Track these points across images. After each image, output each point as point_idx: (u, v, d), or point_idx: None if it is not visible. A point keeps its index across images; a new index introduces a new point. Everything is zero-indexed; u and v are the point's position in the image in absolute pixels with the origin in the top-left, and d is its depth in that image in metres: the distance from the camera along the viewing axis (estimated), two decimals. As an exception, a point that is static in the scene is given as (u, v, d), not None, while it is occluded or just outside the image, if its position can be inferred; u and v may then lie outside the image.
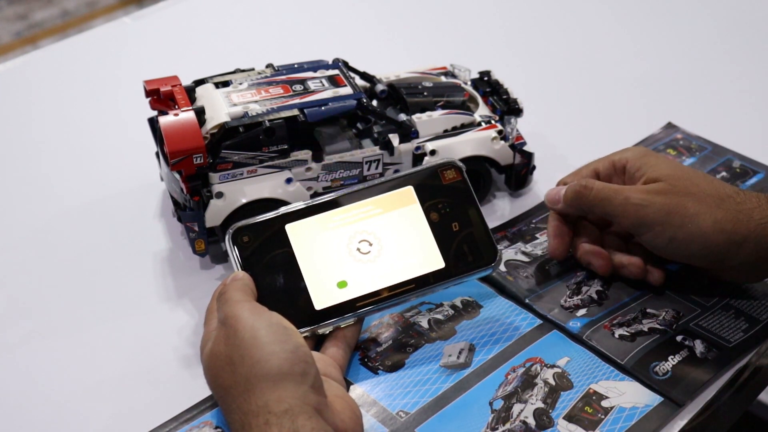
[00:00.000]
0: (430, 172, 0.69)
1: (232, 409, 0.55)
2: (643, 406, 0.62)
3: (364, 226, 0.67)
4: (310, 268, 0.65)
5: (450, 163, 0.69)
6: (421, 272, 0.66)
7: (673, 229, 0.65)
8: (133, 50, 1.11)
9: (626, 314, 0.69)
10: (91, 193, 0.85)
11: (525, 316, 0.69)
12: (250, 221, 0.66)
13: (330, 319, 0.64)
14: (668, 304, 0.70)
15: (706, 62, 1.06)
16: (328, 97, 0.75)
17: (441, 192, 0.68)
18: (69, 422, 0.63)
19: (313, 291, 0.65)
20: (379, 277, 0.66)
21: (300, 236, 0.66)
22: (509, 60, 1.06)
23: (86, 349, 0.69)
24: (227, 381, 0.56)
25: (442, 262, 0.66)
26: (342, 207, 0.67)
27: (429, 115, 0.79)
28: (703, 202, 0.65)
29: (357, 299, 0.65)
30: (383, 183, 0.68)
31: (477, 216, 0.68)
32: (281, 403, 0.53)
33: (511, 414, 0.61)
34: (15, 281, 0.76)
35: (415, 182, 0.68)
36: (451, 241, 0.67)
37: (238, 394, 0.54)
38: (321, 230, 0.66)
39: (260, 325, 0.56)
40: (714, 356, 0.65)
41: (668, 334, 0.67)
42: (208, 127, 0.72)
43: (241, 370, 0.55)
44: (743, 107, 0.97)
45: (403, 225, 0.67)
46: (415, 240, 0.67)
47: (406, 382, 0.64)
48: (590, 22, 1.16)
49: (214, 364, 0.57)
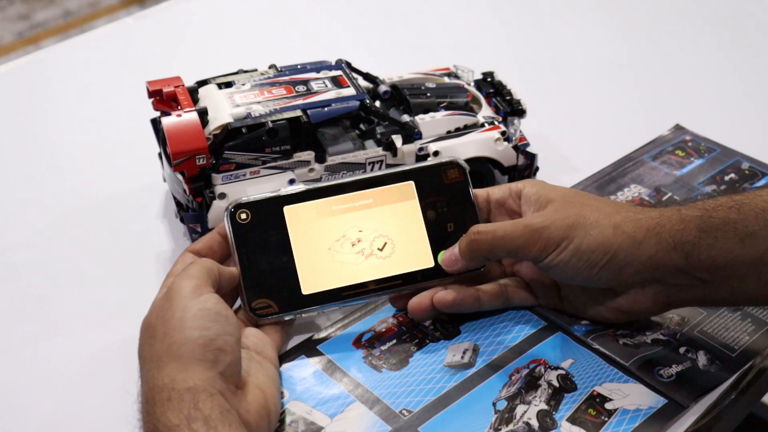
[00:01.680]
0: (434, 169, 0.69)
1: (143, 381, 0.57)
2: (647, 408, 0.62)
3: (360, 216, 0.67)
4: (303, 252, 0.66)
5: (454, 162, 0.69)
6: (410, 269, 0.67)
7: (578, 240, 0.63)
8: (136, 51, 1.11)
9: (630, 325, 0.68)
10: (93, 194, 0.85)
11: (530, 317, 0.69)
12: (250, 198, 0.66)
13: (315, 305, 0.65)
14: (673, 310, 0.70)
15: (715, 64, 1.06)
16: (331, 98, 0.75)
17: (441, 191, 0.68)
18: (70, 422, 0.63)
19: (302, 275, 0.65)
20: (369, 269, 0.66)
21: (297, 219, 0.66)
22: (513, 61, 1.05)
23: (88, 350, 0.69)
24: (146, 352, 0.57)
25: (432, 261, 0.67)
26: (342, 194, 0.67)
27: (432, 116, 0.79)
28: (600, 211, 0.64)
29: (344, 289, 0.66)
30: (386, 175, 0.68)
31: (472, 218, 0.68)
32: (186, 382, 0.54)
33: (515, 415, 0.61)
34: (17, 282, 0.76)
35: (416, 178, 0.68)
36: (443, 241, 0.68)
37: (150, 367, 0.56)
38: (318, 216, 0.67)
39: (192, 306, 0.58)
40: (716, 368, 0.65)
41: (671, 346, 0.67)
42: (210, 128, 0.72)
43: (158, 345, 0.57)
44: (752, 109, 0.97)
45: (399, 219, 0.68)
46: (409, 236, 0.67)
47: (410, 381, 0.64)
48: (596, 23, 1.16)
49: (144, 333, 0.59)
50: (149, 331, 0.58)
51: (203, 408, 0.53)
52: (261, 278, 0.65)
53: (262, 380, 0.60)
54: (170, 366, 0.55)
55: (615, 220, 0.63)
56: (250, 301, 0.65)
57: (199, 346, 0.56)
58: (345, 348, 0.67)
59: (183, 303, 0.58)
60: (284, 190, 0.67)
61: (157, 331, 0.57)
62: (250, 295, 0.65)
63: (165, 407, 0.53)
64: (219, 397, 0.54)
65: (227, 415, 0.54)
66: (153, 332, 0.58)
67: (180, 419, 0.52)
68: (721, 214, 0.61)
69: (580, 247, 0.63)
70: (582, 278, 0.64)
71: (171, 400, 0.54)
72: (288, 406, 0.62)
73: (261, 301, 0.65)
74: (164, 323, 0.57)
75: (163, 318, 0.58)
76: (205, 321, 0.57)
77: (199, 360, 0.56)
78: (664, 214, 0.63)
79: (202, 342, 0.56)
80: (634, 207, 0.66)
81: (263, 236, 0.66)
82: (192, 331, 0.56)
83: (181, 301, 0.58)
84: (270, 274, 0.65)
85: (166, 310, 0.58)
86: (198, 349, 0.56)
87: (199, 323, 0.57)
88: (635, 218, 0.63)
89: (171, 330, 0.57)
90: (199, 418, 0.52)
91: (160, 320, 0.58)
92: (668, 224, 0.62)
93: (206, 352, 0.56)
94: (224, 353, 0.57)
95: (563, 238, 0.63)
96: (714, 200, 0.63)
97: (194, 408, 0.53)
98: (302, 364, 0.66)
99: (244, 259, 0.65)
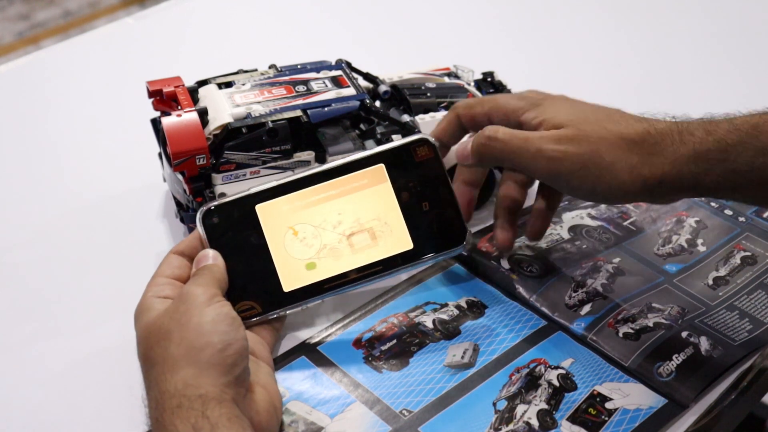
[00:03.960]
0: (403, 149, 0.68)
1: (152, 385, 0.56)
2: (647, 408, 0.62)
3: (334, 206, 0.67)
4: (280, 249, 0.65)
5: (423, 139, 0.68)
6: (389, 254, 0.66)
7: (591, 180, 0.63)
8: (136, 51, 1.11)
9: (631, 308, 0.69)
10: (93, 194, 0.85)
11: (530, 317, 0.69)
12: (219, 202, 0.66)
13: (298, 301, 0.65)
14: (673, 300, 0.70)
15: (715, 63, 1.06)
16: (331, 98, 0.75)
17: (413, 170, 0.67)
18: (70, 422, 0.63)
19: (282, 273, 0.65)
20: (348, 258, 0.66)
21: (270, 217, 0.66)
22: (512, 61, 1.05)
23: (88, 349, 0.69)
24: (158, 356, 0.57)
25: (410, 243, 0.66)
26: (313, 186, 0.66)
27: (432, 116, 0.79)
28: (617, 147, 0.62)
29: (325, 281, 0.65)
30: (355, 161, 0.67)
31: (448, 194, 0.67)
32: (198, 388, 0.54)
33: (515, 415, 0.61)
34: (18, 282, 0.76)
35: (386, 160, 0.67)
36: (420, 222, 0.67)
37: (162, 371, 0.56)
38: (291, 211, 0.66)
39: (209, 312, 0.58)
40: (719, 354, 0.65)
41: (674, 329, 0.67)
42: (211, 128, 0.72)
43: (174, 350, 0.56)
44: (752, 109, 0.97)
45: (373, 205, 0.67)
46: (385, 220, 0.67)
47: (410, 381, 0.64)
48: (596, 22, 1.16)
49: (153, 335, 0.58)
50: (161, 334, 0.57)
51: (211, 416, 0.53)
52: (241, 280, 0.64)
53: (264, 379, 0.60)
54: (185, 371, 0.55)
55: (632, 162, 0.62)
56: (234, 305, 0.64)
57: (218, 352, 0.56)
58: (345, 348, 0.67)
59: (199, 308, 0.58)
60: (254, 189, 0.66)
61: (172, 335, 0.57)
62: (232, 298, 0.64)
63: (174, 414, 0.53)
64: (228, 404, 0.54)
65: (235, 421, 0.54)
66: (167, 335, 0.57)
67: (187, 429, 0.52)
68: (744, 158, 0.60)
69: (595, 190, 0.64)
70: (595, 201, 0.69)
71: (181, 407, 0.53)
72: (288, 406, 0.62)
73: (244, 303, 0.64)
74: (180, 327, 0.57)
75: (179, 322, 0.57)
76: (223, 326, 0.57)
77: (216, 365, 0.55)
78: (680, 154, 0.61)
79: (221, 347, 0.56)
80: (653, 127, 0.63)
81: (239, 238, 0.65)
82: (211, 336, 0.56)
83: (197, 307, 0.58)
84: (250, 276, 0.65)
85: (182, 314, 0.58)
86: (217, 355, 0.56)
87: (217, 328, 0.57)
88: (650, 160, 0.62)
89: (189, 334, 0.56)
90: (206, 427, 0.52)
91: (176, 324, 0.57)
92: (685, 168, 0.61)
93: (225, 357, 0.56)
94: (241, 358, 0.57)
95: (576, 177, 0.63)
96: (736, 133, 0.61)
97: (202, 416, 0.53)
98: (302, 364, 0.66)
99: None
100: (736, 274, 0.73)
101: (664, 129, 0.63)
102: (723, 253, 0.75)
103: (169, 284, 0.62)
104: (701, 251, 0.76)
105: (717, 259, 0.75)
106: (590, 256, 0.75)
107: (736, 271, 0.74)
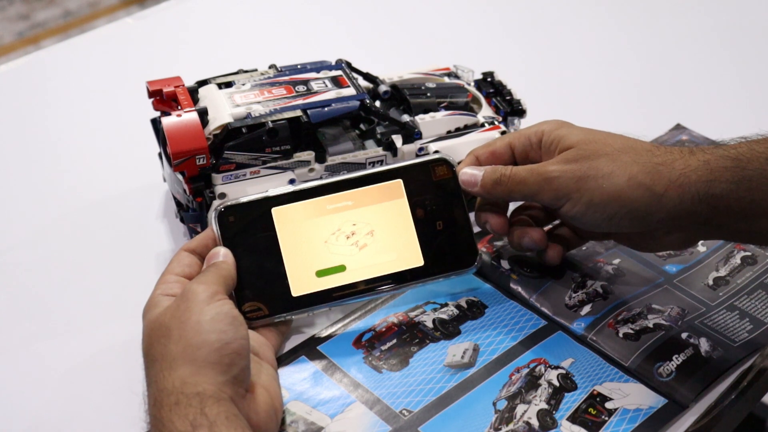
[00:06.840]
0: (422, 166, 0.69)
1: (151, 382, 0.56)
2: (647, 408, 0.62)
3: (349, 216, 0.67)
4: (292, 253, 0.66)
5: (442, 159, 0.69)
6: (399, 268, 0.67)
7: (590, 193, 0.63)
8: (136, 51, 1.11)
9: (631, 309, 0.69)
10: (93, 194, 0.85)
11: (530, 317, 0.69)
12: (236, 201, 0.66)
13: (305, 307, 0.65)
14: (673, 300, 0.70)
15: (715, 63, 1.06)
16: (331, 98, 0.75)
17: (430, 188, 0.68)
18: (70, 422, 0.63)
19: (291, 277, 0.65)
20: (358, 269, 0.66)
21: (285, 221, 0.66)
22: (512, 61, 1.05)
23: (88, 349, 0.69)
24: (158, 353, 0.57)
25: (421, 260, 0.67)
26: (330, 195, 0.67)
27: (432, 116, 0.79)
28: (617, 160, 0.63)
29: (333, 290, 0.66)
30: (374, 174, 0.68)
31: (462, 216, 0.68)
32: (195, 386, 0.54)
33: (515, 414, 0.61)
34: (18, 281, 0.76)
35: (405, 176, 0.68)
36: (433, 240, 0.68)
37: (161, 368, 0.56)
38: (306, 217, 0.66)
39: (209, 310, 0.58)
40: (719, 355, 0.65)
41: (674, 330, 0.67)
42: (211, 128, 0.72)
43: (173, 347, 0.56)
44: (752, 109, 0.97)
45: (388, 219, 0.67)
46: (398, 235, 0.67)
47: (410, 381, 0.64)
48: (596, 22, 1.16)
49: (154, 332, 0.58)
50: (162, 331, 0.58)
51: (209, 413, 0.53)
52: (251, 281, 0.64)
53: (266, 380, 0.61)
54: (183, 369, 0.55)
55: (631, 171, 0.62)
56: (241, 305, 0.64)
57: (216, 350, 0.56)
58: (345, 348, 0.67)
59: (199, 306, 0.58)
60: (272, 192, 0.67)
61: (171, 332, 0.57)
62: (240, 298, 0.64)
63: (172, 412, 0.53)
64: (226, 403, 0.54)
65: (233, 420, 0.54)
66: (167, 332, 0.57)
67: (185, 426, 0.52)
68: (756, 165, 0.60)
69: (593, 200, 0.63)
70: (604, 228, 0.65)
71: (179, 404, 0.54)
72: (288, 406, 0.62)
73: (251, 304, 0.64)
74: (180, 325, 0.57)
75: (179, 319, 0.57)
76: (222, 325, 0.57)
77: (214, 364, 0.55)
78: (689, 164, 0.62)
79: (218, 346, 0.56)
80: (657, 153, 0.64)
81: (252, 238, 0.65)
82: (209, 335, 0.56)
83: (197, 305, 0.58)
84: (260, 277, 0.65)
85: (183, 312, 0.58)
86: (214, 354, 0.56)
87: (216, 327, 0.57)
88: (655, 169, 0.62)
89: (187, 332, 0.57)
90: (204, 424, 0.52)
91: (176, 321, 0.57)
92: (694, 176, 0.61)
93: (222, 356, 0.56)
94: (240, 357, 0.57)
95: (574, 191, 0.63)
96: (749, 148, 0.62)
97: (200, 414, 0.53)
98: (302, 364, 0.66)
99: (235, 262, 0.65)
100: (736, 274, 0.73)
101: (672, 148, 0.64)
102: (723, 253, 0.76)
103: (178, 282, 0.63)
104: (701, 251, 0.76)
105: (717, 259, 0.75)
106: (590, 257, 0.75)
107: (736, 271, 0.74)
